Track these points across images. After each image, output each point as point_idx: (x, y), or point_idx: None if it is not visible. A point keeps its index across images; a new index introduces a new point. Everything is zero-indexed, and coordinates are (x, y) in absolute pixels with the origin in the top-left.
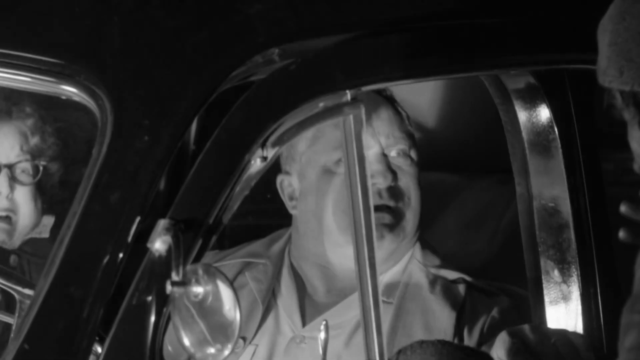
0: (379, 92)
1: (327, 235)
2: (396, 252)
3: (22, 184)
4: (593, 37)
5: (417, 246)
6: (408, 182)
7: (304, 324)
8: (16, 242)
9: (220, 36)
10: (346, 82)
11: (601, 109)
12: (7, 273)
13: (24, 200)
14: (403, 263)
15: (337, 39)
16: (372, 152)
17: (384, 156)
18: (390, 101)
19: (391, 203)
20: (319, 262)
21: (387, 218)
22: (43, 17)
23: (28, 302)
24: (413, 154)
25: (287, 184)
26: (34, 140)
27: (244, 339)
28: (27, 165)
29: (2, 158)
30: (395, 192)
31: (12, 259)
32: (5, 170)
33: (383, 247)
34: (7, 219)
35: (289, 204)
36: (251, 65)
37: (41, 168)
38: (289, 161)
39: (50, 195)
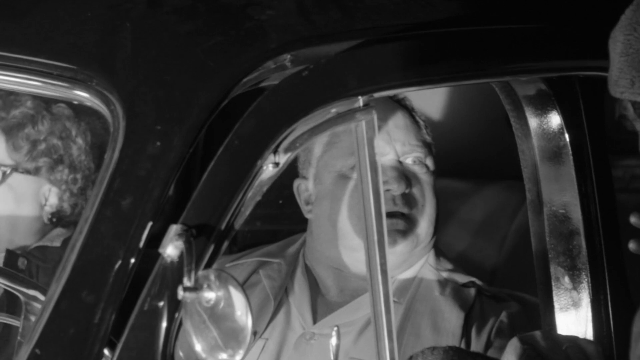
0: (396, 100)
1: (341, 239)
2: (409, 258)
3: None
4: (604, 44)
5: (432, 252)
6: (423, 190)
7: (314, 321)
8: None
9: (233, 42)
10: (358, 88)
11: (612, 116)
12: (12, 275)
13: None
14: (416, 268)
15: (348, 45)
16: (387, 158)
17: (399, 163)
18: (407, 109)
19: (405, 210)
20: (333, 265)
21: (400, 224)
22: (56, 22)
23: (34, 303)
24: (429, 162)
25: (304, 189)
26: (4, 146)
27: (254, 332)
28: None
29: None
30: (409, 199)
31: (21, 261)
32: None
33: (396, 253)
34: None
35: (305, 209)
36: (263, 71)
37: (7, 173)
38: (305, 166)
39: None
